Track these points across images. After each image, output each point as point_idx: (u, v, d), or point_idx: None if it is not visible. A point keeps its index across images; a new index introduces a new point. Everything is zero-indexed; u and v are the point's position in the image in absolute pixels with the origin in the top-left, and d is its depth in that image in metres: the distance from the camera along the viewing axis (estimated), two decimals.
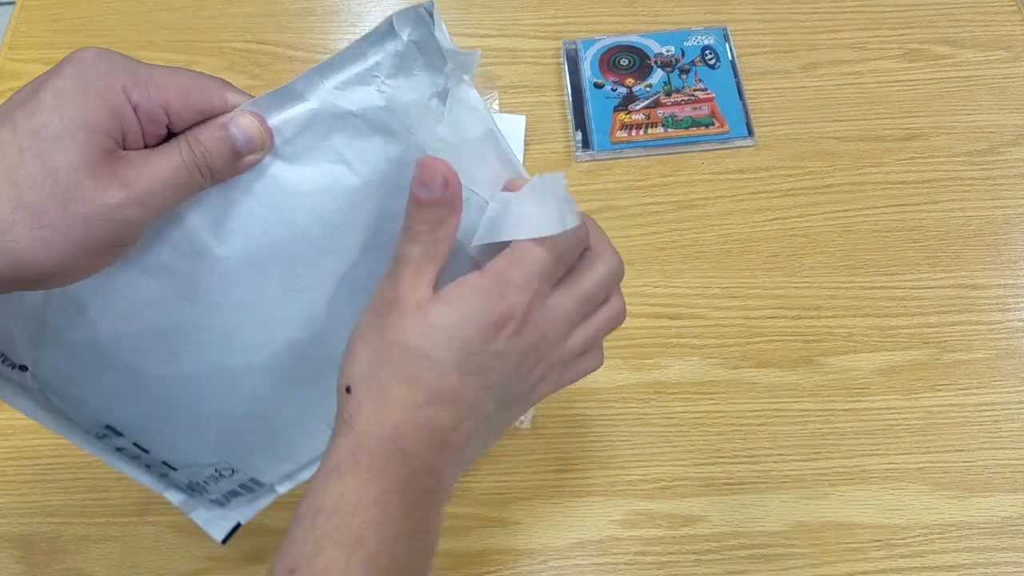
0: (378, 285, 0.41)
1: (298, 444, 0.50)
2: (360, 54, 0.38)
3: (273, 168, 0.40)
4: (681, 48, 0.81)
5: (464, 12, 0.85)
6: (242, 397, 0.46)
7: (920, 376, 0.65)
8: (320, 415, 0.47)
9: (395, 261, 0.40)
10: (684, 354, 0.67)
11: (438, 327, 0.38)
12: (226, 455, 0.49)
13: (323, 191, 0.40)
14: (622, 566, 0.59)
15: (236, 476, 0.50)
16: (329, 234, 0.41)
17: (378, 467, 0.38)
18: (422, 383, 0.38)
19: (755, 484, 0.62)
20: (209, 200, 0.40)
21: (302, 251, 0.41)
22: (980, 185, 0.74)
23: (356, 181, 0.40)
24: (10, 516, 0.62)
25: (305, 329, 0.44)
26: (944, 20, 0.83)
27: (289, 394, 0.46)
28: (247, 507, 0.52)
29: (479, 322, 0.38)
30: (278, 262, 0.42)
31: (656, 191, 0.74)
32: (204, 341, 0.43)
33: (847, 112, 0.78)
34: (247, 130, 0.38)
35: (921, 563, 0.59)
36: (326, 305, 0.43)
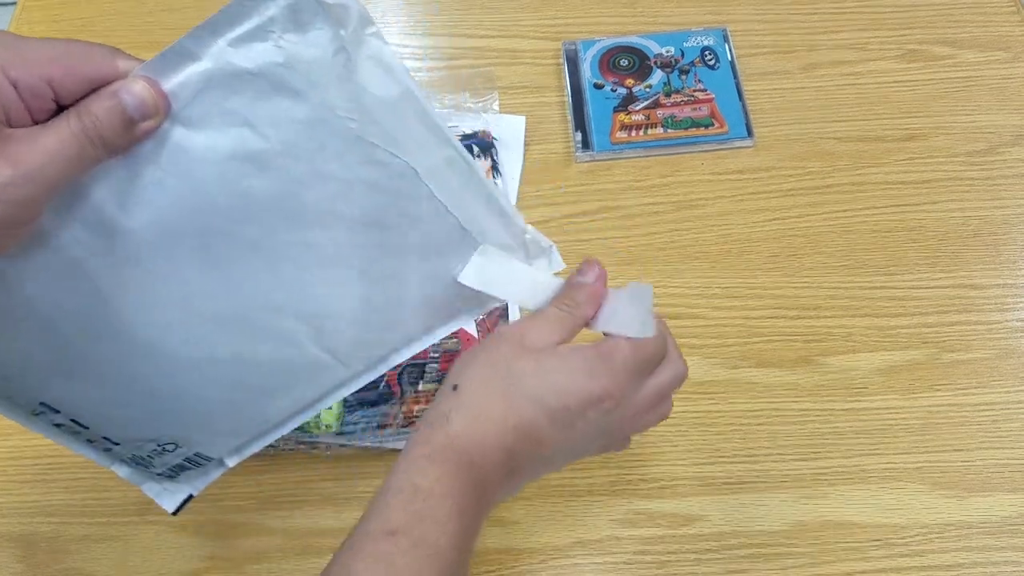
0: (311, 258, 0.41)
1: (240, 419, 0.49)
2: (253, 7, 0.36)
3: (175, 135, 0.38)
4: (681, 49, 0.81)
5: (464, 13, 0.85)
6: (171, 373, 0.45)
7: (919, 376, 0.66)
8: (258, 390, 0.47)
9: (540, 311, 0.46)
10: (684, 354, 0.66)
11: (551, 376, 0.44)
12: (165, 430, 0.48)
13: (229, 156, 0.38)
14: (622, 565, 0.59)
15: (180, 451, 0.49)
16: (240, 203, 0.40)
17: (463, 464, 0.42)
18: (518, 412, 0.43)
19: (755, 483, 0.62)
20: (113, 172, 0.38)
21: (215, 221, 0.40)
22: (979, 185, 0.74)
23: (263, 145, 0.39)
24: (11, 516, 0.62)
25: (229, 303, 0.43)
26: (943, 21, 0.83)
27: (221, 370, 0.45)
28: (198, 480, 0.52)
29: (584, 388, 0.44)
30: (192, 233, 0.40)
31: (656, 191, 0.74)
32: (125, 318, 0.42)
33: (847, 113, 0.78)
34: (139, 95, 0.36)
35: (920, 562, 0.59)
36: (248, 278, 0.42)
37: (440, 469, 0.42)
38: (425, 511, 0.41)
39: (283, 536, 0.61)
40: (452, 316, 0.49)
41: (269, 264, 0.42)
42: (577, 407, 0.44)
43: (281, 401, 0.49)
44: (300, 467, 0.63)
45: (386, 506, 0.42)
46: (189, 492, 0.52)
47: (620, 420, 0.46)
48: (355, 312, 0.46)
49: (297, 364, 0.47)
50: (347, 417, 0.63)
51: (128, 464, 0.51)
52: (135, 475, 0.51)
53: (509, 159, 0.76)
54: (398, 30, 0.84)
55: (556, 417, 0.44)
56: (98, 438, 0.48)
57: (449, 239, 0.45)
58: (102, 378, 0.45)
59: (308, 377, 0.48)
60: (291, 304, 0.44)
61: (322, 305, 0.45)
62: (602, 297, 0.47)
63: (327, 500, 0.62)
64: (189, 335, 0.43)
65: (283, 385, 0.48)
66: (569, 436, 0.45)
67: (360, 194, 0.42)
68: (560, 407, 0.44)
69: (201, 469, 0.52)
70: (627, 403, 0.45)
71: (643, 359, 0.46)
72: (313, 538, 0.61)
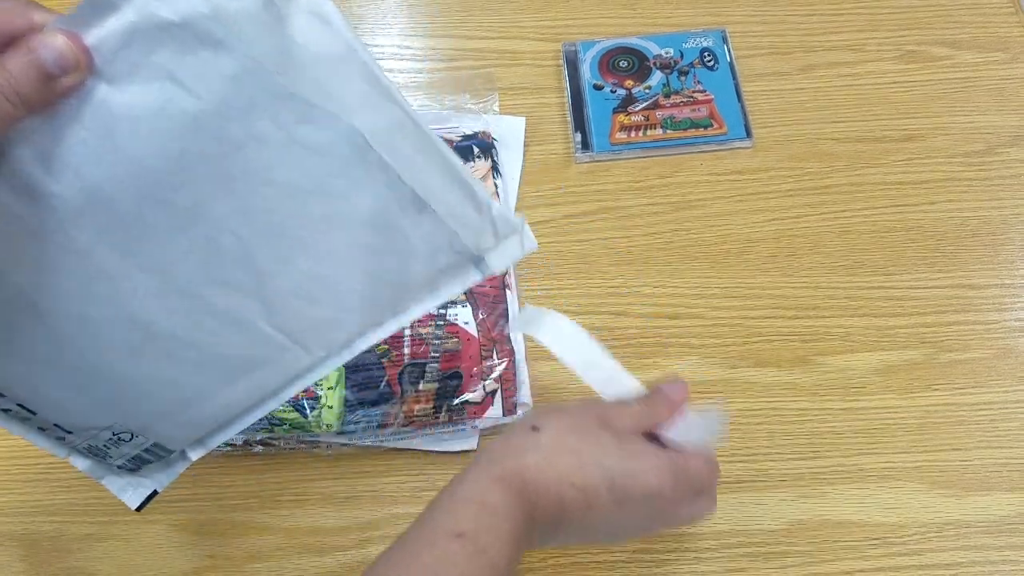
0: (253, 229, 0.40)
1: (197, 406, 0.47)
2: None
3: (98, 91, 0.36)
4: (680, 50, 0.82)
5: (465, 14, 0.85)
6: (115, 351, 0.43)
7: (917, 375, 0.66)
8: (212, 373, 0.45)
9: (625, 402, 0.51)
10: (683, 354, 0.67)
11: (628, 458, 0.48)
12: (117, 417, 0.46)
13: (155, 114, 0.36)
14: (621, 564, 0.59)
15: (137, 440, 0.47)
16: (174, 166, 0.38)
17: (526, 498, 0.45)
18: (585, 473, 0.46)
19: (753, 483, 0.62)
20: (35, 132, 0.36)
21: (148, 187, 0.38)
22: (977, 186, 0.74)
23: (192, 103, 0.37)
24: (13, 515, 0.62)
25: (170, 277, 0.41)
26: (942, 22, 0.83)
27: (169, 349, 0.43)
28: (161, 474, 0.50)
29: (651, 481, 0.47)
30: (124, 200, 0.38)
31: (655, 192, 0.75)
32: (60, 292, 0.40)
33: (845, 113, 0.78)
34: (57, 49, 0.34)
35: (919, 561, 0.59)
36: (189, 250, 0.40)
37: (508, 493, 0.45)
38: (491, 525, 0.44)
39: (284, 535, 0.61)
40: (423, 292, 0.47)
41: (210, 235, 0.40)
42: (637, 493, 0.47)
43: (240, 388, 0.47)
44: (301, 466, 0.63)
45: (455, 511, 0.45)
46: (153, 488, 0.50)
47: (661, 520, 0.51)
48: (305, 289, 0.44)
49: (251, 345, 0.45)
50: (348, 416, 0.63)
51: (85, 455, 0.48)
52: (94, 468, 0.49)
53: (509, 160, 0.76)
54: (398, 31, 0.85)
55: (615, 492, 0.47)
56: (49, 425, 0.46)
57: (405, 210, 0.43)
58: (41, 359, 0.42)
59: (266, 361, 0.46)
60: (236, 278, 0.42)
61: (268, 281, 0.43)
62: (679, 410, 0.51)
63: (328, 499, 0.62)
64: (129, 311, 0.41)
65: (239, 369, 0.46)
66: (617, 513, 0.47)
67: (301, 158, 0.40)
68: (622, 486, 0.47)
69: (163, 462, 0.50)
70: (672, 510, 0.50)
71: (705, 482, 0.50)
72: (314, 537, 0.61)
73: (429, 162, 0.42)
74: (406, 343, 0.66)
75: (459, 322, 0.67)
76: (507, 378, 0.65)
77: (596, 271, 0.71)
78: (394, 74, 0.81)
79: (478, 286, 0.68)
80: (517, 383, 0.65)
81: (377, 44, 0.84)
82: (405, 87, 0.80)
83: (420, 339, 0.66)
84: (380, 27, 0.85)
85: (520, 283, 0.70)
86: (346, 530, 0.61)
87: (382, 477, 0.63)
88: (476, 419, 0.64)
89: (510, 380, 0.65)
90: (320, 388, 0.64)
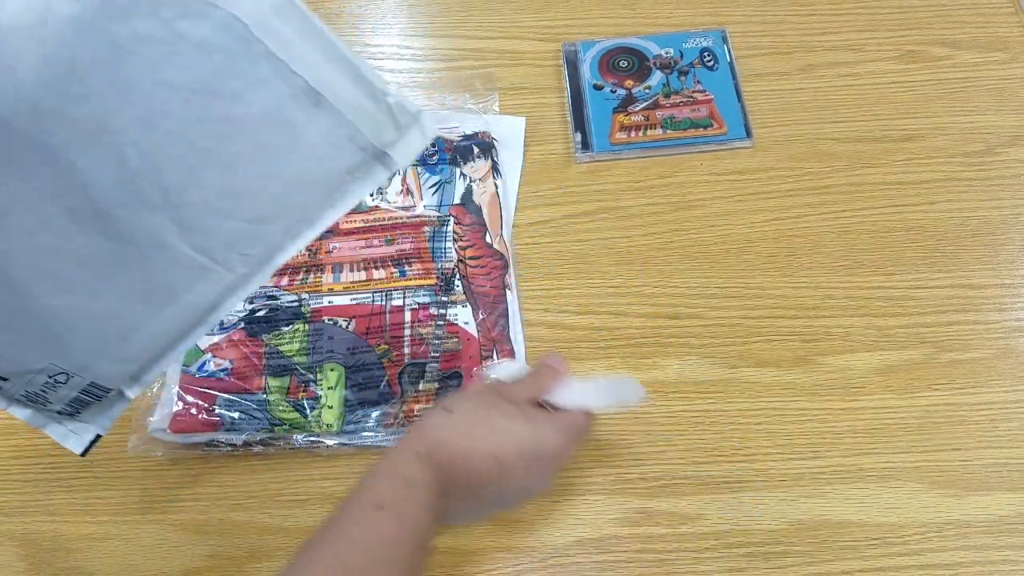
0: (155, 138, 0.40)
1: (128, 336, 0.46)
2: None
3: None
4: (680, 50, 0.82)
5: (465, 14, 0.85)
6: (39, 285, 0.42)
7: (917, 375, 0.66)
8: (135, 297, 0.44)
9: (523, 376, 0.57)
10: (683, 354, 0.67)
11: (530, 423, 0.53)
12: (51, 356, 0.45)
13: (39, 23, 0.36)
14: (621, 564, 0.59)
15: (74, 381, 0.47)
16: (65, 74, 0.37)
17: (440, 471, 0.50)
18: (499, 441, 0.52)
19: (753, 482, 0.62)
20: None
21: (42, 99, 0.37)
22: (977, 186, 0.74)
23: (71, 6, 0.36)
24: (13, 515, 0.62)
25: (81, 198, 0.40)
26: (941, 22, 0.83)
27: (93, 278, 0.43)
28: (102, 416, 0.50)
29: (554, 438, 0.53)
30: (20, 114, 0.37)
31: (655, 192, 0.75)
32: None
33: (845, 113, 0.78)
34: None
35: (918, 561, 0.59)
36: (95, 166, 0.40)
37: (425, 467, 0.49)
38: (410, 496, 0.48)
39: (284, 535, 0.61)
40: (334, 196, 0.46)
41: (112, 149, 0.39)
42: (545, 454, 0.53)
43: (167, 315, 0.46)
44: (301, 466, 0.63)
45: (377, 486, 0.49)
46: (96, 432, 0.50)
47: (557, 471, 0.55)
48: (217, 201, 0.43)
49: (173, 268, 0.44)
50: (348, 416, 0.63)
51: (23, 403, 0.48)
52: (35, 417, 0.48)
53: (509, 160, 0.76)
54: (398, 31, 0.85)
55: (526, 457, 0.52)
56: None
57: (299, 103, 0.42)
58: None
59: (188, 284, 0.46)
60: (145, 194, 0.41)
61: (177, 194, 0.42)
62: (561, 379, 0.57)
63: (327, 499, 0.62)
64: (47, 241, 0.41)
65: (164, 295, 0.45)
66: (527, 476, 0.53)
67: (189, 56, 0.39)
68: (532, 450, 0.52)
69: (103, 404, 0.49)
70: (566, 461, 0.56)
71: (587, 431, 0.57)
72: None
73: (318, 50, 0.41)
74: (406, 343, 0.66)
75: (459, 322, 0.67)
76: None
77: (596, 271, 0.71)
78: (394, 74, 0.81)
79: (478, 286, 0.68)
80: None
81: (377, 44, 0.84)
82: (405, 87, 0.80)
83: (420, 339, 0.66)
84: (380, 27, 0.85)
85: (520, 283, 0.70)
86: None
87: None
88: None
89: None
90: (320, 388, 0.64)
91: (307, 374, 0.65)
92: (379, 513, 0.47)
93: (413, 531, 0.47)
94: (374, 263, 0.70)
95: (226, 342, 0.66)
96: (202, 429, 0.63)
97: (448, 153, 0.75)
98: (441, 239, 0.71)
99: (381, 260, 0.70)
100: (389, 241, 0.71)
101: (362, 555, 0.46)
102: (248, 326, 0.67)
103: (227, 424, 0.63)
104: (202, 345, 0.66)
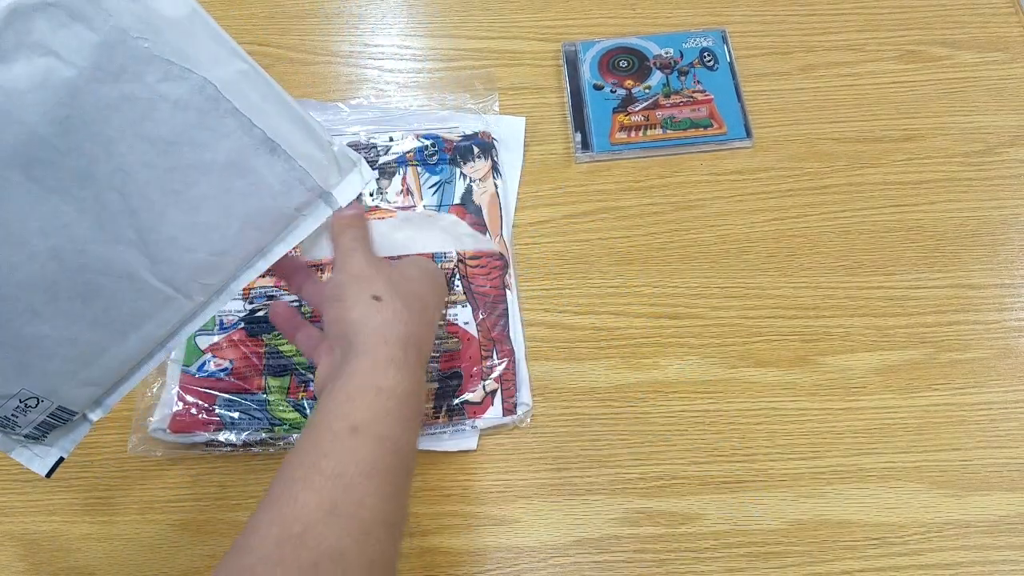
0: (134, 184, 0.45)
1: (96, 365, 0.50)
2: None
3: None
4: (680, 50, 0.82)
5: (464, 14, 0.85)
6: (17, 315, 0.46)
7: (917, 375, 0.66)
8: (106, 327, 0.49)
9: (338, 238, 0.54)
10: (682, 354, 0.67)
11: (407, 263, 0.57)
12: (24, 382, 0.48)
13: (39, 86, 0.41)
14: (621, 564, 0.60)
15: (43, 405, 0.50)
16: (59, 130, 0.43)
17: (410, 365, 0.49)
18: (427, 299, 0.54)
19: (753, 482, 0.62)
20: None
21: (38, 151, 0.43)
22: (977, 186, 0.74)
23: (70, 72, 0.42)
24: (13, 515, 0.62)
25: (63, 236, 0.45)
26: (941, 22, 0.83)
27: (68, 309, 0.47)
28: (65, 439, 0.53)
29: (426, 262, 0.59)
30: (15, 166, 0.42)
31: (655, 192, 0.75)
32: None
33: (845, 113, 0.78)
34: None
35: (918, 561, 0.59)
36: (79, 209, 0.45)
37: (401, 373, 0.48)
38: (390, 411, 0.46)
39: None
40: (284, 231, 0.52)
41: (96, 194, 0.45)
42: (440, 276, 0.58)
43: (132, 342, 0.50)
44: None
45: (350, 401, 0.46)
46: (59, 455, 0.53)
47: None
48: (184, 237, 0.48)
49: (141, 298, 0.49)
50: None
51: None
52: (3, 442, 0.52)
53: (509, 160, 0.76)
54: (398, 31, 0.85)
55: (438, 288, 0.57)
56: None
57: (259, 152, 0.48)
58: None
59: (153, 313, 0.50)
60: (123, 233, 0.46)
61: (149, 231, 0.47)
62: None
63: None
64: (29, 275, 0.45)
65: (130, 323, 0.50)
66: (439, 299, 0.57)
67: (167, 113, 0.45)
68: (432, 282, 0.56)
69: (67, 427, 0.52)
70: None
71: None
72: None
73: (274, 107, 0.48)
74: None
75: (459, 322, 0.67)
76: (507, 378, 0.65)
77: (596, 271, 0.71)
78: (394, 74, 0.82)
79: (478, 286, 0.68)
80: (517, 383, 0.65)
81: (377, 44, 0.84)
82: (405, 87, 0.80)
83: None
84: (380, 27, 0.85)
85: (520, 283, 0.70)
86: None
87: None
88: (476, 419, 0.64)
89: (510, 380, 0.65)
90: None
91: (307, 374, 0.65)
92: (354, 437, 0.45)
93: (396, 450, 0.46)
94: None
95: (226, 342, 0.66)
96: (202, 429, 0.63)
97: (448, 153, 0.75)
98: None
99: None
100: None
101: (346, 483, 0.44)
102: (248, 326, 0.67)
103: (227, 424, 0.63)
104: (202, 345, 0.66)
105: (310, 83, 0.81)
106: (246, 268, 0.52)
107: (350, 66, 0.82)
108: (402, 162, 0.74)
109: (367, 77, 0.81)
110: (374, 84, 0.81)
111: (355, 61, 0.83)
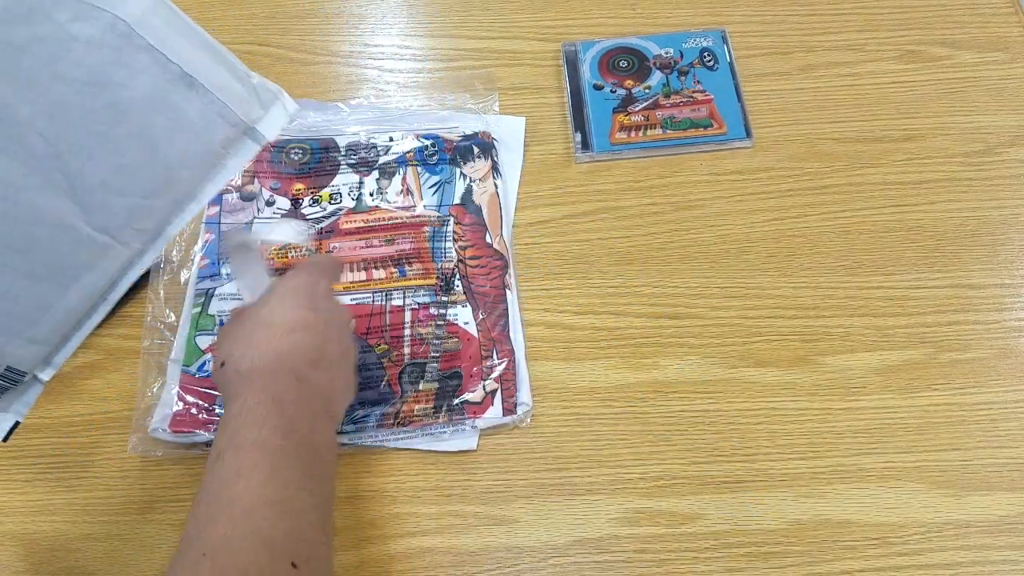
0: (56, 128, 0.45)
1: (41, 321, 0.50)
2: None
3: None
4: (680, 50, 0.82)
5: (464, 14, 0.85)
6: None
7: (917, 375, 0.66)
8: (48, 284, 0.48)
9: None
10: (683, 354, 0.67)
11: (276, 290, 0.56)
12: None
13: None
14: (621, 564, 0.60)
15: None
16: None
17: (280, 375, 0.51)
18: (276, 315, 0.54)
19: (753, 482, 0.62)
20: None
21: None
22: (977, 186, 0.74)
23: None
24: (13, 515, 0.62)
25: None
26: (941, 22, 0.83)
27: (6, 262, 0.47)
28: (19, 403, 0.53)
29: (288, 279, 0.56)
30: None
31: (655, 192, 0.75)
32: None
33: (845, 113, 0.78)
34: None
35: (918, 561, 0.59)
36: (8, 153, 0.44)
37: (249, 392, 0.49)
38: (239, 424, 0.48)
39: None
40: (212, 170, 0.52)
41: (20, 137, 0.44)
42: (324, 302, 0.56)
43: (73, 295, 0.50)
44: None
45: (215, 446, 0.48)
46: (15, 419, 0.53)
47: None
48: (113, 180, 0.48)
49: (78, 249, 0.49)
50: (348, 416, 0.63)
51: None
52: None
53: (509, 160, 0.76)
54: (398, 31, 0.85)
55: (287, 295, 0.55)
56: None
57: (177, 87, 0.48)
58: None
59: (91, 263, 0.50)
60: (52, 178, 0.46)
61: (80, 178, 0.47)
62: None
63: None
64: None
65: (70, 274, 0.49)
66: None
67: (80, 52, 0.45)
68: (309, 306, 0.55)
69: (19, 388, 0.52)
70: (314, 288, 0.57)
71: None
72: None
73: (189, 41, 0.48)
74: (406, 343, 0.66)
75: (459, 322, 0.67)
76: (507, 378, 0.65)
77: (596, 271, 0.71)
78: (394, 74, 0.82)
79: (478, 286, 0.68)
80: (517, 383, 0.65)
81: (377, 44, 0.84)
82: (405, 87, 0.81)
83: (420, 339, 0.66)
84: (380, 27, 0.85)
85: (520, 283, 0.70)
86: (346, 530, 0.61)
87: (382, 477, 0.63)
88: (476, 419, 0.64)
89: (510, 380, 0.65)
90: None
91: None
92: (219, 462, 0.47)
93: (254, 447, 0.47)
94: (374, 263, 0.70)
95: None
96: (202, 429, 0.63)
97: (448, 153, 0.75)
98: (441, 239, 0.71)
99: (381, 260, 0.70)
100: (389, 241, 0.71)
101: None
102: None
103: None
104: (202, 345, 0.66)
105: (310, 83, 0.81)
106: (179, 211, 0.52)
107: (350, 66, 0.82)
108: (402, 162, 0.74)
109: (367, 77, 0.81)
110: (374, 84, 0.81)
111: (355, 61, 0.83)
